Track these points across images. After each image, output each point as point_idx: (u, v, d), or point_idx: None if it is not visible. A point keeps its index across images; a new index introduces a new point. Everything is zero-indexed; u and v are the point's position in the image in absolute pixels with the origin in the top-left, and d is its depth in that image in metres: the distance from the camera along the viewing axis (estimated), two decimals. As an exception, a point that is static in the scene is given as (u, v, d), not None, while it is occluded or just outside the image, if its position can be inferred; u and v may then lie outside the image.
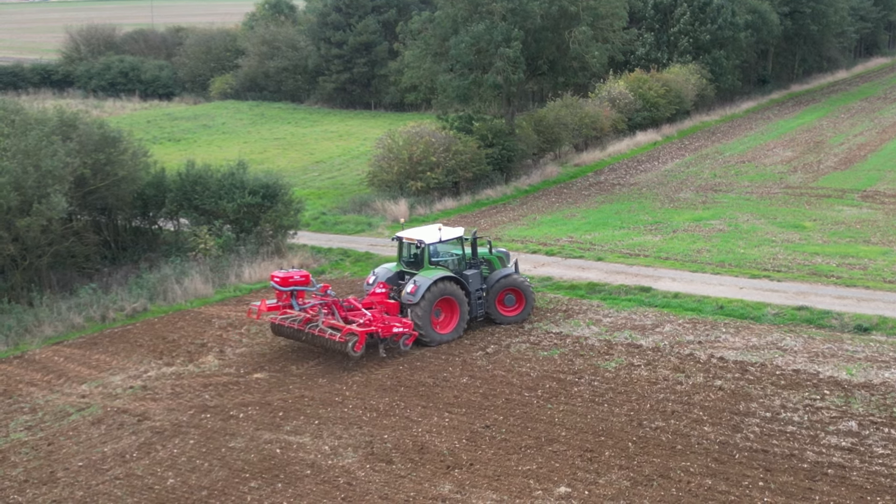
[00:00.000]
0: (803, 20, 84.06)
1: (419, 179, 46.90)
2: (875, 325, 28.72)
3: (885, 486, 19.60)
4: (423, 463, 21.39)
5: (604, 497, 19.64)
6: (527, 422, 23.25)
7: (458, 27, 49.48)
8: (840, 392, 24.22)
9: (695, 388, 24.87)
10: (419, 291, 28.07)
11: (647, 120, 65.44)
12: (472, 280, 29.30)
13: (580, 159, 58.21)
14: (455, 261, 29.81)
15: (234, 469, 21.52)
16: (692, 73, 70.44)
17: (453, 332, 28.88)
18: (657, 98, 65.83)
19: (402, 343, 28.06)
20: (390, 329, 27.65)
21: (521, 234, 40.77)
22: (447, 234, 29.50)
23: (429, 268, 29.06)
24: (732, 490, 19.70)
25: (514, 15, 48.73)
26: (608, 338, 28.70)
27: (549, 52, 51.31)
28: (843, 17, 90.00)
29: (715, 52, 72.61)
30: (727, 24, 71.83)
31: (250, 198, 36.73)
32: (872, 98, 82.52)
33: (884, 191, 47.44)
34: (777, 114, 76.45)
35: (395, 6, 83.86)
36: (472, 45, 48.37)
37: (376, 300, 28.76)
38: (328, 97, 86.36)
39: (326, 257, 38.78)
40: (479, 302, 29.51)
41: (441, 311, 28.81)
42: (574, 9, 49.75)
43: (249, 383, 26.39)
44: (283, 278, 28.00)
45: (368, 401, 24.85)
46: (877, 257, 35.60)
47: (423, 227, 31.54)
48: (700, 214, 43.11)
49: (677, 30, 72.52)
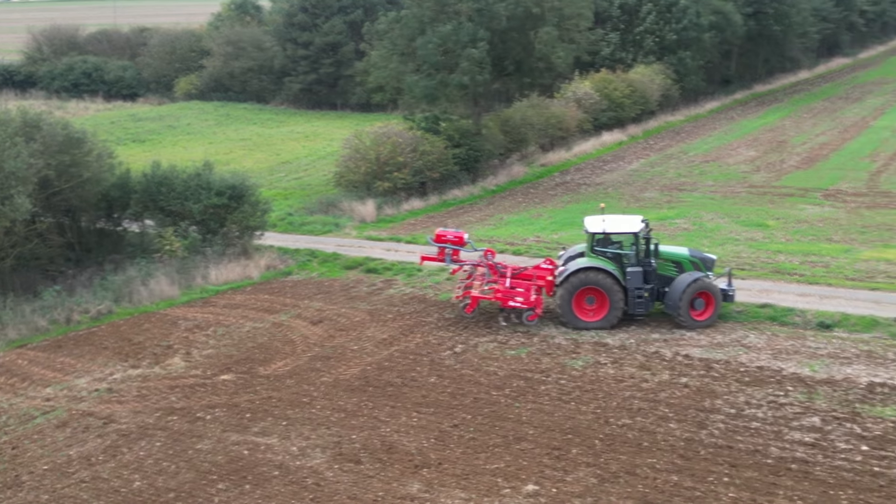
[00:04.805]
0: (766, 21, 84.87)
1: (386, 180, 46.91)
2: (837, 321, 29.10)
3: (847, 481, 19.89)
4: (391, 463, 21.43)
5: (571, 494, 19.78)
6: (495, 420, 23.36)
7: (425, 28, 49.53)
8: (803, 388, 24.53)
9: (660, 385, 25.10)
10: (563, 276, 29.29)
11: (613, 120, 65.83)
12: (632, 277, 29.20)
13: (546, 159, 58.45)
14: (621, 254, 29.74)
15: (201, 471, 21.44)
16: (657, 73, 70.97)
17: (600, 322, 29.28)
18: (622, 98, 66.27)
19: (524, 317, 29.61)
20: (507, 301, 29.51)
21: (489, 234, 40.90)
22: (612, 227, 29.81)
23: (590, 256, 29.66)
24: (698, 486, 19.91)
25: (481, 16, 48.85)
26: (575, 336, 28.87)
27: (516, 53, 51.49)
28: (806, 17, 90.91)
29: (680, 53, 73.14)
30: (692, 24, 72.40)
31: (216, 199, 36.57)
32: (834, 98, 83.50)
33: (845, 189, 48.05)
34: (740, 114, 77.19)
35: (361, 6, 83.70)
36: (438, 46, 48.44)
37: (537, 274, 30.42)
38: (294, 98, 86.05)
39: (294, 258, 38.70)
40: (639, 301, 29.29)
41: (594, 299, 29.35)
42: (538, 10, 49.97)
43: (216, 385, 26.29)
44: (437, 235, 31.29)
45: (336, 401, 24.84)
46: (839, 255, 36.06)
47: (618, 216, 32.07)
48: (665, 213, 43.45)
49: (643, 29, 73.01)
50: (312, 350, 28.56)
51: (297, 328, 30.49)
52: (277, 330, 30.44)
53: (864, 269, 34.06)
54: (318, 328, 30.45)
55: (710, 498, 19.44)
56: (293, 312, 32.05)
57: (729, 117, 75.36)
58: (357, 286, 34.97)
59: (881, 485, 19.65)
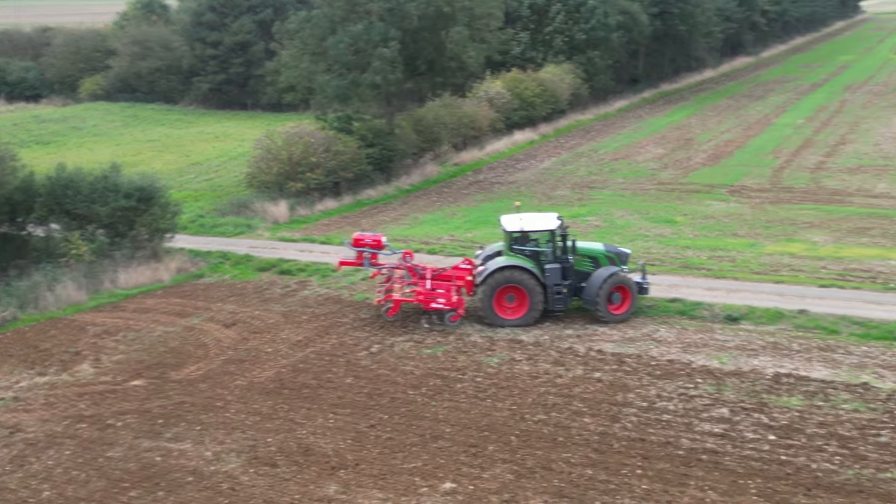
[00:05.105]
0: (672, 21, 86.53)
1: (299, 180, 46.56)
2: (744, 314, 29.84)
3: (755, 470, 20.41)
4: (307, 465, 21.30)
5: (488, 491, 19.91)
6: (412, 420, 23.39)
7: (336, 27, 49.31)
8: (712, 380, 25.10)
9: (574, 380, 25.42)
10: (483, 275, 29.50)
11: (524, 119, 66.43)
12: (550, 274, 29.42)
13: (460, 158, 58.71)
14: (538, 252, 30.03)
15: (112, 479, 21.02)
16: (567, 72, 71.82)
17: (521, 319, 29.45)
18: (533, 97, 66.91)
19: (447, 318, 29.59)
20: (429, 303, 29.56)
21: (403, 234, 40.91)
22: (529, 225, 29.98)
23: (509, 254, 29.77)
24: (612, 479, 20.22)
25: (392, 15, 48.82)
26: (490, 334, 29.06)
27: (427, 53, 51.60)
28: (710, 17, 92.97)
29: (589, 52, 74.14)
30: (600, 24, 73.45)
31: (124, 201, 35.86)
32: (738, 96, 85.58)
33: (750, 185, 49.30)
34: (648, 112, 78.61)
35: (271, 6, 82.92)
36: (350, 46, 48.26)
37: (457, 274, 30.50)
38: (204, 98, 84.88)
39: (205, 260, 38.17)
40: (559, 297, 29.54)
41: (515, 297, 29.50)
42: (449, 9, 50.16)
43: (127, 391, 25.79)
44: (355, 239, 30.97)
45: (251, 405, 24.59)
46: (744, 249, 36.98)
47: (534, 214, 32.34)
48: (577, 211, 44.00)
49: (552, 29, 73.84)
50: (226, 353, 28.21)
51: (209, 331, 30.09)
52: (189, 334, 29.99)
53: (768, 263, 34.99)
54: (231, 331, 30.09)
55: (624, 490, 19.76)
56: (205, 316, 31.61)
57: (637, 116, 76.68)
58: (271, 288, 34.66)
59: (788, 473, 20.21)
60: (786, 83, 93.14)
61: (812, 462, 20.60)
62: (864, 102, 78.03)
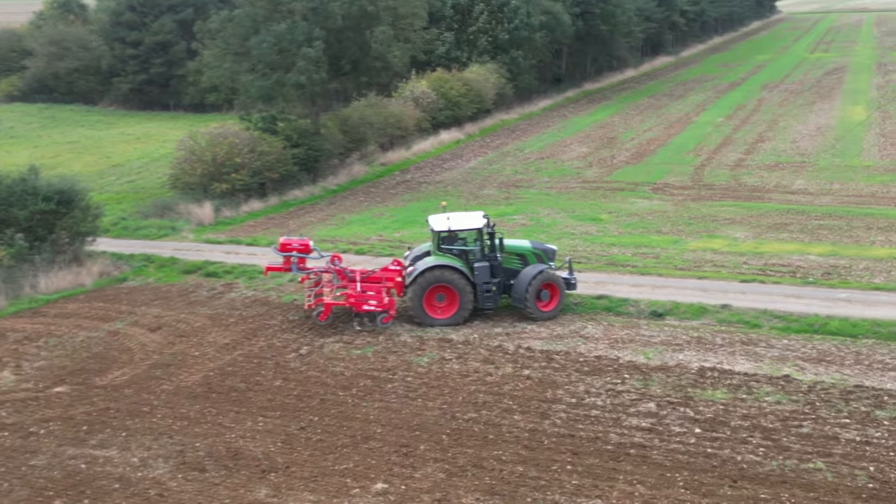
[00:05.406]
0: (594, 21, 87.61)
1: (224, 181, 46.03)
2: (668, 310, 30.33)
3: (682, 463, 20.75)
4: (237, 469, 21.07)
5: (420, 490, 19.93)
6: (342, 421, 23.29)
7: (259, 27, 48.85)
8: (639, 375, 25.45)
9: (504, 378, 25.57)
10: (412, 276, 29.46)
11: (450, 119, 66.67)
12: (479, 273, 29.50)
13: (386, 158, 58.68)
14: (466, 251, 30.05)
15: (36, 488, 20.53)
16: (491, 72, 72.25)
17: (451, 318, 29.50)
18: (459, 97, 67.18)
19: (379, 320, 29.49)
20: (361, 306, 29.33)
21: (331, 234, 40.72)
22: (457, 225, 29.96)
23: (437, 254, 29.74)
24: (542, 475, 20.38)
25: (316, 14, 48.55)
26: (420, 333, 29.08)
27: (352, 52, 51.43)
28: (630, 17, 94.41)
29: (512, 52, 74.72)
30: (523, 24, 74.04)
31: (44, 204, 35.08)
32: (659, 95, 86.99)
33: (672, 183, 50.12)
34: (572, 111, 79.47)
35: (191, 5, 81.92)
36: (273, 45, 47.87)
37: (386, 276, 30.42)
38: (124, 98, 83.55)
39: (129, 264, 37.51)
40: (488, 295, 29.63)
41: (445, 297, 29.54)
42: (373, 8, 50.06)
43: (50, 398, 25.22)
44: (282, 244, 30.56)
45: (178, 409, 24.24)
46: (668, 246, 37.59)
47: (461, 213, 32.23)
48: (504, 210, 44.27)
49: (476, 29, 74.22)
50: (151, 358, 27.77)
51: (134, 336, 29.58)
52: (113, 338, 29.45)
53: (691, 259, 35.62)
54: (156, 335, 29.63)
55: (555, 486, 19.94)
56: (130, 320, 31.08)
57: (561, 115, 77.46)
58: (197, 291, 34.21)
59: (714, 465, 20.59)
60: (705, 82, 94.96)
61: (737, 454, 21.01)
62: (780, 101, 79.88)
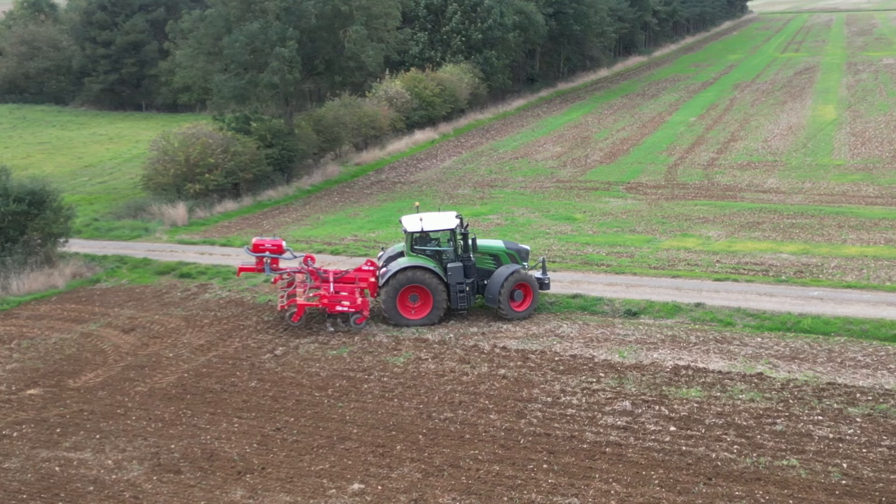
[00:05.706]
0: (567, 21, 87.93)
1: (197, 182, 45.80)
2: (643, 309, 30.48)
3: (657, 461, 20.85)
4: (213, 470, 20.98)
5: (396, 490, 19.92)
6: (318, 422, 23.24)
7: (232, 26, 48.68)
8: (614, 374, 25.55)
9: (480, 378, 25.60)
10: (385, 277, 29.44)
11: (425, 118, 66.71)
12: (453, 273, 29.54)
13: (361, 158, 58.64)
14: (440, 251, 30.07)
15: (9, 491, 20.35)
16: (465, 72, 72.35)
17: (425, 318, 29.60)
18: (433, 97, 67.23)
19: (352, 321, 29.50)
20: (334, 307, 29.34)
21: (306, 235, 40.62)
22: (430, 225, 30.00)
23: (411, 255, 29.78)
24: (519, 474, 20.43)
25: (289, 14, 48.43)
26: (396, 333, 29.07)
27: (326, 52, 51.34)
28: (603, 17, 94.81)
29: (486, 52, 74.84)
30: (497, 24, 74.19)
31: (15, 205, 34.77)
32: (632, 95, 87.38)
33: (646, 182, 50.37)
34: (546, 111, 79.66)
35: (163, 5, 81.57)
36: (246, 45, 47.70)
37: (359, 276, 30.47)
38: (95, 98, 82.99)
39: (101, 265, 37.26)
40: (462, 295, 29.67)
41: (418, 297, 29.63)
42: (346, 8, 49.99)
43: (23, 400, 25.01)
44: (255, 244, 30.50)
45: (153, 411, 24.10)
46: (642, 245, 37.76)
47: (435, 213, 32.11)
48: (478, 210, 44.33)
49: (449, 29, 74.28)
50: (125, 359, 27.59)
51: (107, 337, 29.38)
52: (87, 340, 29.24)
53: (665, 258, 35.80)
54: (130, 336, 29.44)
55: (531, 485, 19.99)
56: (103, 321, 30.87)
57: (535, 115, 77.63)
58: (170, 292, 34.02)
59: (689, 463, 20.70)
60: (677, 82, 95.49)
61: (711, 451, 21.14)
62: (752, 100, 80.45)
